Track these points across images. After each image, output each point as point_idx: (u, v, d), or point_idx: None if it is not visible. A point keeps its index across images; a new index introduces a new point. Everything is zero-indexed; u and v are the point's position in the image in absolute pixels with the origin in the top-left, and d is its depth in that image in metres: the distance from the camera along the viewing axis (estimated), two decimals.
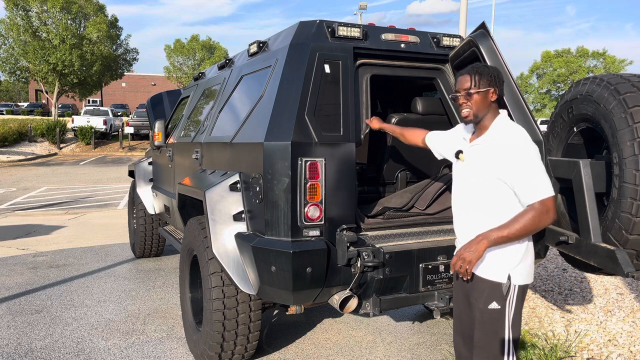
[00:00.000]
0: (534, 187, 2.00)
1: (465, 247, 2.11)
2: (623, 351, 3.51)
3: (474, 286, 2.18)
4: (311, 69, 2.86)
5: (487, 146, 2.15)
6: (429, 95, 4.39)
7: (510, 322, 2.14)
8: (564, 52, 49.11)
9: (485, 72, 2.16)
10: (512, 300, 2.13)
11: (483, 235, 2.07)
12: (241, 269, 2.97)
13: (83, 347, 3.76)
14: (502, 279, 2.11)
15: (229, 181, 3.12)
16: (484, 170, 2.13)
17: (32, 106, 44.09)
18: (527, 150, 2.04)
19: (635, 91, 2.40)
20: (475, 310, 2.19)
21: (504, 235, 2.03)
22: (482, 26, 2.99)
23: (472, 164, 2.21)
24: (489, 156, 2.12)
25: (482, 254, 2.07)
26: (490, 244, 2.06)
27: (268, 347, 3.75)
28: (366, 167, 4.04)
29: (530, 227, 2.01)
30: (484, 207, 2.16)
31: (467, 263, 2.07)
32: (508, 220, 2.05)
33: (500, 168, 2.07)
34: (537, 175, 2.02)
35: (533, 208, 2.00)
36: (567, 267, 5.28)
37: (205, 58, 39.63)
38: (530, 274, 2.18)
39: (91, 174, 16.87)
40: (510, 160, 2.04)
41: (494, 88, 2.15)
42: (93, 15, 28.60)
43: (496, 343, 2.14)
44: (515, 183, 2.04)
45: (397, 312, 4.45)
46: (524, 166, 2.02)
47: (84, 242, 7.20)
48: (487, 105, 2.16)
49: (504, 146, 2.07)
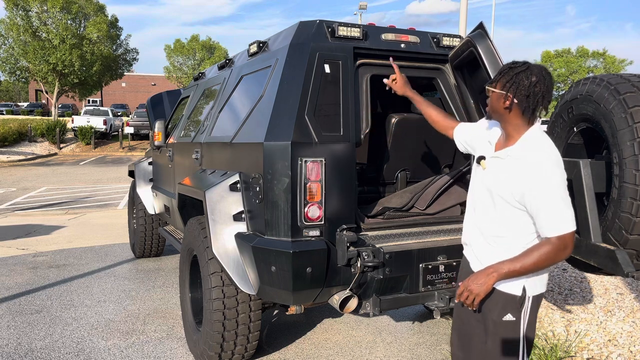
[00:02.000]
0: (554, 221, 1.84)
1: (473, 279, 1.97)
2: (623, 351, 3.51)
3: (488, 297, 2.05)
4: (311, 69, 2.86)
5: (511, 164, 1.94)
6: (429, 95, 4.39)
7: (525, 331, 2.05)
8: (564, 52, 49.10)
9: (507, 74, 1.92)
10: (526, 311, 2.03)
11: (494, 268, 1.94)
12: (241, 269, 2.97)
13: (83, 347, 3.76)
14: (517, 291, 2.00)
15: (229, 181, 3.12)
16: (503, 190, 1.95)
17: (32, 106, 44.10)
18: (553, 179, 1.84)
19: (635, 91, 2.39)
20: (488, 320, 2.08)
21: (516, 269, 1.89)
22: (480, 26, 3.00)
23: (493, 176, 2.02)
24: (511, 176, 1.92)
25: (490, 287, 1.95)
26: (500, 277, 1.93)
27: (268, 347, 3.75)
28: (366, 167, 4.04)
29: (544, 263, 1.87)
30: (498, 224, 2.02)
31: (474, 295, 1.95)
32: (521, 253, 1.91)
33: (521, 193, 1.89)
34: (559, 206, 1.83)
35: (550, 242, 1.85)
36: (567, 267, 5.28)
37: (205, 58, 39.63)
38: (546, 282, 2.08)
39: (91, 174, 16.87)
40: (533, 187, 1.85)
41: (510, 96, 1.90)
42: (93, 15, 28.60)
43: (509, 354, 2.06)
44: (534, 211, 1.88)
45: (397, 312, 4.45)
46: (546, 197, 1.84)
47: (84, 242, 7.20)
48: (500, 110, 1.95)
49: (529, 170, 1.86)
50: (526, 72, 1.89)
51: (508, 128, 1.98)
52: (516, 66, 1.92)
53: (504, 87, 1.92)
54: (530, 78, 1.88)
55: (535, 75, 1.88)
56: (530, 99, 1.88)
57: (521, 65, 1.92)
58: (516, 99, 1.90)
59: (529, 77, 1.88)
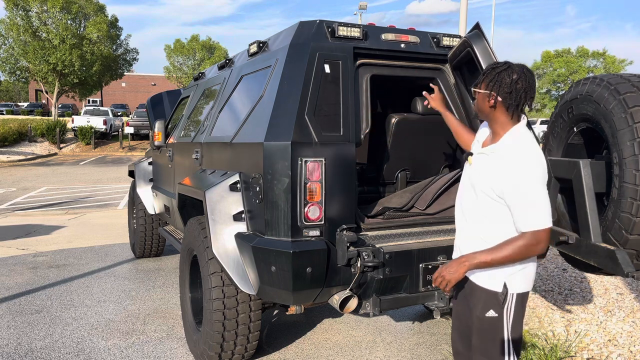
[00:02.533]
0: (529, 216, 1.90)
1: (447, 266, 2.05)
2: (623, 351, 3.51)
3: (472, 293, 2.14)
4: (311, 69, 2.86)
5: (493, 159, 2.02)
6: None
7: (510, 328, 2.09)
8: (564, 52, 49.12)
9: (490, 74, 2.01)
10: (509, 308, 2.07)
11: (466, 258, 2.02)
12: (241, 269, 2.97)
13: (83, 347, 3.76)
14: (497, 287, 2.05)
15: (229, 181, 3.12)
16: (484, 184, 2.03)
17: (32, 106, 44.08)
18: (531, 175, 1.90)
19: (635, 91, 2.39)
20: (473, 316, 2.15)
21: (487, 260, 1.97)
22: (477, 27, 3.02)
23: (477, 171, 2.11)
24: (492, 171, 2.00)
25: (462, 276, 2.02)
26: (472, 267, 2.01)
27: (268, 347, 3.75)
28: (366, 167, 4.04)
29: (516, 256, 1.94)
30: (481, 218, 2.09)
31: (445, 281, 2.03)
32: (496, 245, 1.98)
33: (500, 187, 1.96)
34: (536, 203, 1.89)
35: (524, 237, 1.92)
36: (567, 267, 5.28)
37: (205, 58, 39.62)
38: (531, 281, 2.11)
39: (91, 174, 16.87)
40: (511, 182, 1.92)
41: (494, 94, 1.98)
42: (93, 15, 28.59)
43: (495, 350, 2.11)
44: (511, 206, 1.95)
45: (397, 312, 4.45)
46: (523, 192, 1.90)
47: (84, 242, 7.20)
48: (486, 109, 2.04)
49: (508, 165, 1.93)
50: (507, 70, 1.98)
51: (494, 126, 2.06)
52: (498, 66, 2.01)
53: (487, 87, 2.01)
54: (511, 76, 1.96)
55: (516, 73, 1.97)
56: (513, 95, 1.97)
57: (502, 65, 2.01)
58: (500, 97, 1.98)
59: (511, 75, 1.97)
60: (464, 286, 2.22)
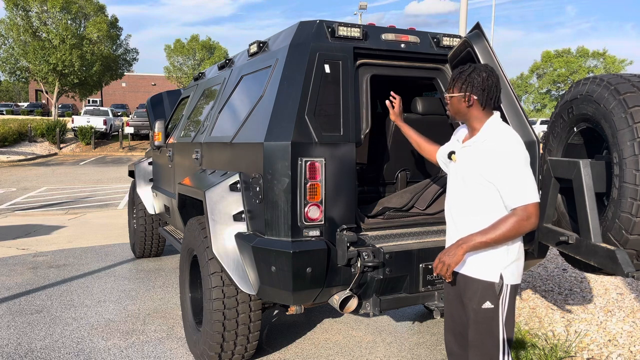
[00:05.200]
0: (518, 192, 2.01)
1: (445, 251, 2.13)
2: (623, 351, 3.51)
3: (467, 287, 2.20)
4: (311, 69, 2.86)
5: (477, 148, 2.15)
6: (429, 95, 4.39)
7: (504, 320, 2.15)
8: (564, 52, 49.12)
9: (460, 77, 2.15)
10: (505, 299, 2.14)
11: (463, 240, 2.09)
12: (241, 269, 2.97)
13: (83, 347, 3.76)
14: (494, 278, 2.13)
15: (229, 181, 3.12)
16: (473, 172, 2.13)
17: (32, 106, 44.08)
18: (514, 155, 2.04)
19: (636, 91, 2.39)
20: (469, 310, 2.20)
21: (484, 240, 2.05)
22: (477, 27, 3.01)
23: (463, 165, 2.22)
24: (478, 158, 2.12)
25: (461, 258, 2.09)
26: (469, 249, 2.08)
27: (268, 347, 3.75)
28: (366, 167, 4.04)
29: (510, 233, 2.02)
30: (473, 209, 2.17)
31: (446, 265, 2.10)
32: (489, 226, 2.06)
33: (488, 170, 2.07)
34: (522, 180, 2.02)
35: (515, 213, 2.02)
36: (567, 267, 5.28)
37: (205, 58, 39.65)
38: (520, 274, 2.21)
39: (91, 174, 16.87)
40: (497, 163, 2.04)
41: (468, 94, 2.12)
42: (93, 15, 28.63)
43: (491, 342, 2.16)
44: (500, 186, 2.05)
45: (397, 312, 4.45)
46: (509, 170, 2.02)
47: (84, 242, 7.20)
48: (463, 109, 2.16)
49: (492, 149, 2.07)
50: (475, 71, 2.14)
51: (472, 123, 2.19)
52: (464, 69, 2.17)
53: (461, 90, 2.15)
54: (481, 75, 2.12)
55: (484, 72, 2.13)
56: (486, 91, 2.13)
57: (468, 68, 2.17)
58: (475, 95, 2.13)
59: (480, 74, 2.13)
60: (455, 284, 2.27)
